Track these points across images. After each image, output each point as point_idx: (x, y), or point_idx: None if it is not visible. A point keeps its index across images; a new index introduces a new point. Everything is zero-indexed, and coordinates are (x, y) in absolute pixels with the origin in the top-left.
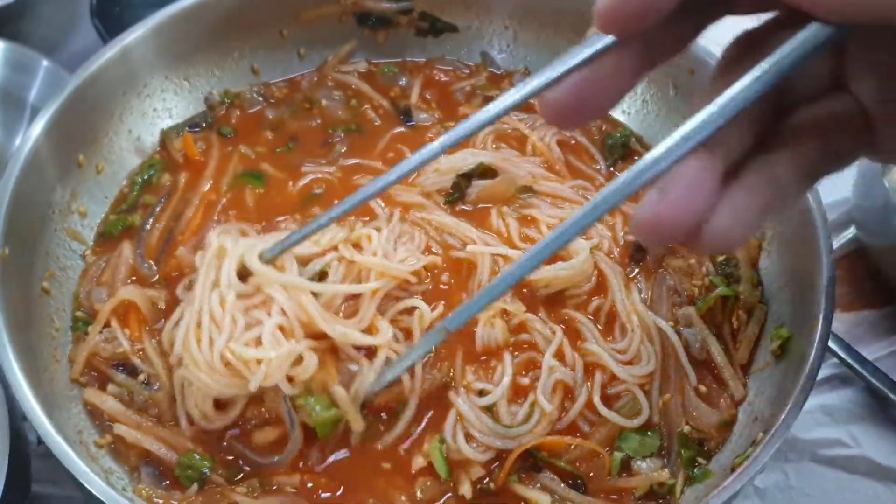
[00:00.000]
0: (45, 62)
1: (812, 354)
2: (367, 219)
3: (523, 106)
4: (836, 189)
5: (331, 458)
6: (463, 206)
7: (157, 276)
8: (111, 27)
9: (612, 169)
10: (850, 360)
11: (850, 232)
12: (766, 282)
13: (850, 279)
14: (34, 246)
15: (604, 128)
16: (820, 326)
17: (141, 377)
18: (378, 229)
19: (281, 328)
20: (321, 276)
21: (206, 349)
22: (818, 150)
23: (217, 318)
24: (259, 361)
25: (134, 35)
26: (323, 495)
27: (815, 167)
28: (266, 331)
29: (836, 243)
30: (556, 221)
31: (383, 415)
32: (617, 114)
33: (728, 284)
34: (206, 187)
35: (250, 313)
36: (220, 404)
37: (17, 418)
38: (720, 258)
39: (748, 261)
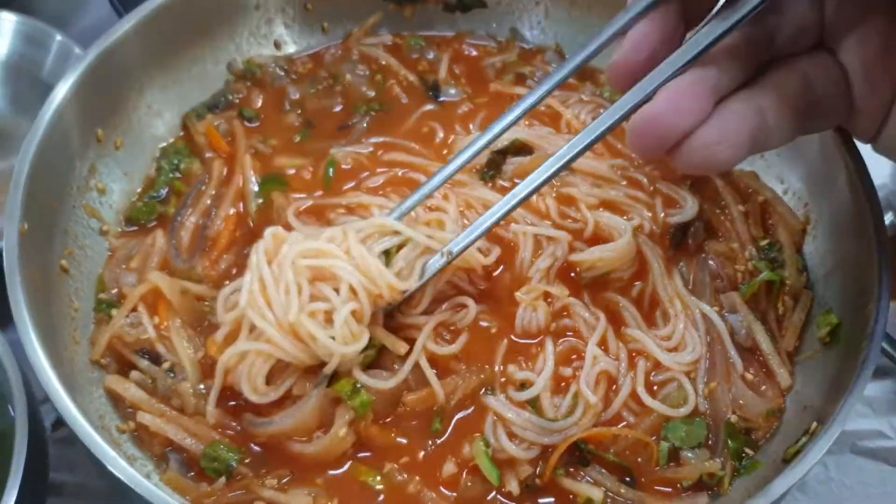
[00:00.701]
0: (58, 36)
1: (869, 344)
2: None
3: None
4: (875, 175)
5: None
6: (501, 183)
7: (190, 273)
8: (127, 6)
9: None
10: (891, 351)
11: (889, 217)
12: (812, 266)
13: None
14: (53, 222)
15: None
16: (877, 313)
17: (165, 365)
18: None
19: (354, 313)
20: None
21: (279, 312)
22: (800, 91)
23: (288, 283)
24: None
25: (154, 5)
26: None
27: (798, 110)
28: (340, 317)
29: None
30: (595, 201)
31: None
32: None
33: (772, 269)
34: (238, 183)
35: (317, 285)
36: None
37: (35, 402)
38: (763, 242)
39: (792, 244)
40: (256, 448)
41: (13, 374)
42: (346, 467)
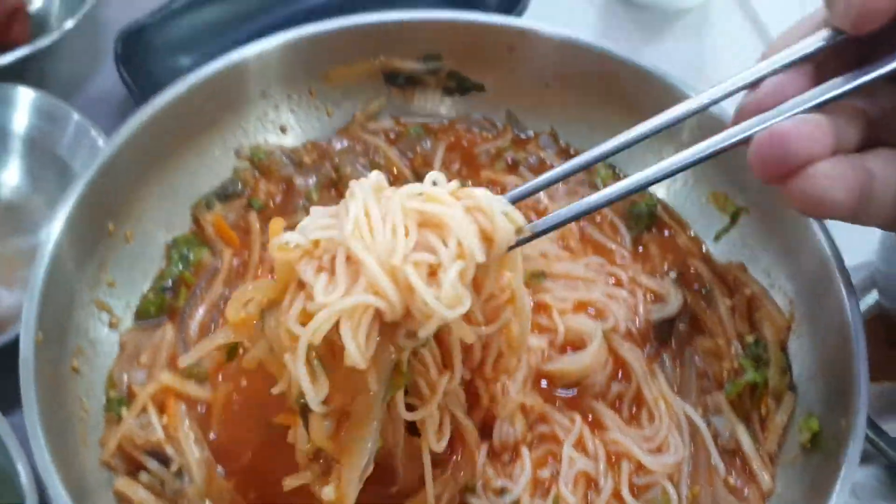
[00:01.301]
0: (75, 115)
1: (846, 455)
2: None
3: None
4: (860, 252)
5: None
6: None
7: (199, 370)
8: (135, 74)
9: (636, 240)
10: (872, 436)
11: (873, 296)
12: (796, 365)
13: (871, 347)
14: (65, 323)
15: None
16: (855, 428)
17: (173, 468)
18: None
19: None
20: None
21: (383, 252)
22: None
23: (395, 222)
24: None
25: (168, 98)
26: None
27: None
28: (450, 275)
29: None
30: (569, 305)
31: None
32: None
33: (757, 368)
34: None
35: (424, 233)
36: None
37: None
38: (749, 338)
39: (777, 342)
40: None
41: (25, 475)
42: None
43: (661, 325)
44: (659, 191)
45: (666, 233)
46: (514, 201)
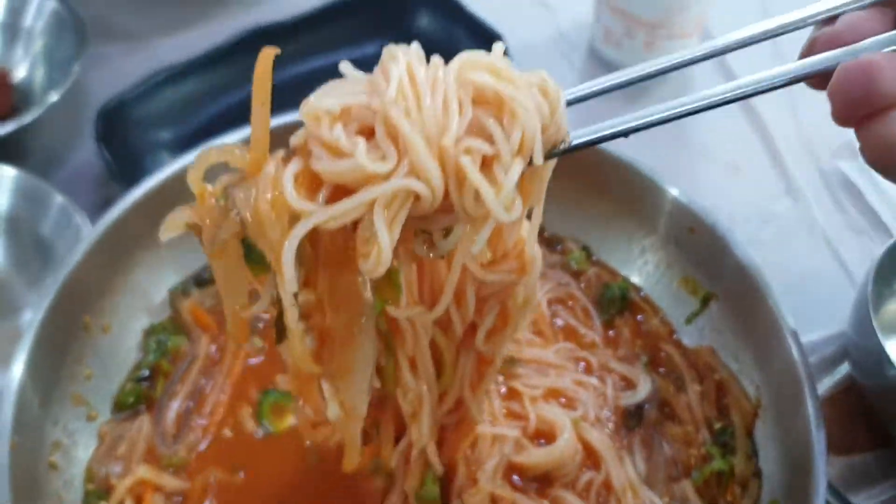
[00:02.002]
0: (59, 197)
1: None
2: None
3: None
4: (833, 322)
5: None
6: None
7: (175, 459)
8: (115, 151)
9: (608, 324)
10: None
11: (845, 367)
12: (762, 452)
13: (843, 418)
14: (42, 422)
15: (601, 277)
16: None
17: None
18: None
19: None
20: None
21: (432, 127)
22: None
23: (448, 95)
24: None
25: (151, 185)
26: None
27: None
28: (512, 174)
29: (830, 379)
30: (540, 393)
31: None
32: (615, 263)
33: (724, 455)
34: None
35: (479, 113)
36: None
37: None
38: (717, 425)
39: (744, 428)
40: None
41: None
42: None
43: (631, 412)
44: (632, 275)
45: (638, 317)
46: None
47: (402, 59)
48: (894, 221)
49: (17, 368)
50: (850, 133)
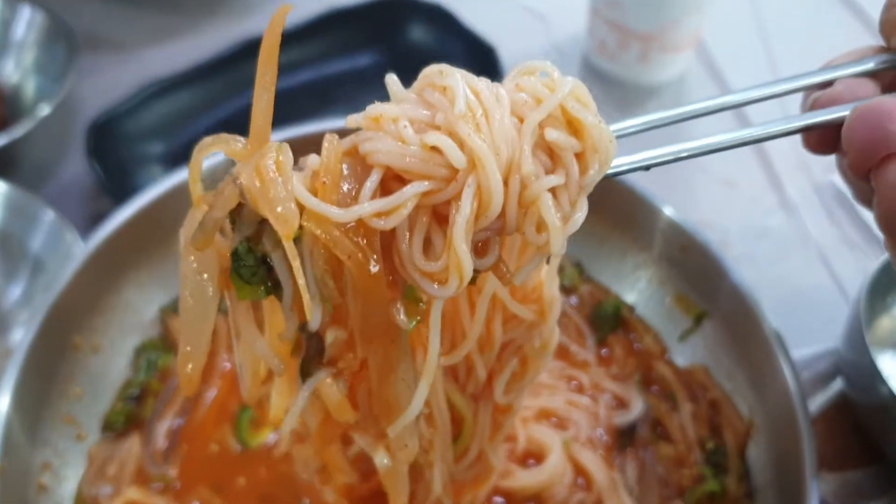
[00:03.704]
0: (50, 213)
1: None
2: None
3: None
4: (827, 337)
5: None
6: None
7: (163, 479)
8: (105, 164)
9: (601, 343)
10: None
11: (838, 383)
12: (754, 472)
13: (836, 435)
14: (31, 443)
15: (594, 295)
16: None
17: None
18: None
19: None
20: None
21: (502, 143)
22: None
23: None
24: None
25: (144, 203)
26: None
27: None
28: (582, 211)
29: (823, 395)
30: (531, 413)
31: None
32: (608, 280)
33: (716, 475)
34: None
35: (547, 143)
36: None
37: None
38: (710, 445)
39: (737, 448)
40: None
41: None
42: None
43: (624, 431)
44: (625, 293)
45: (631, 335)
46: None
47: (456, 73)
48: None
49: (6, 391)
50: None
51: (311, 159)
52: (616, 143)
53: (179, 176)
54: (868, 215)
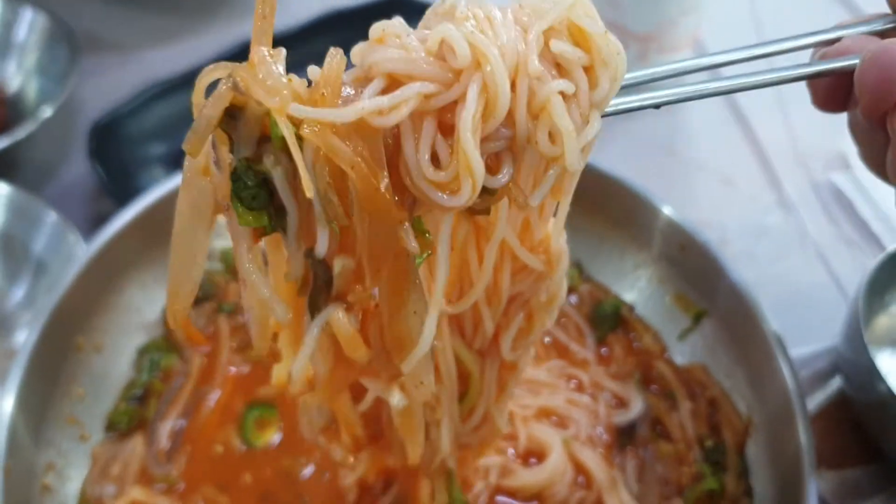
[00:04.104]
0: (53, 215)
1: None
2: None
3: None
4: (826, 335)
5: None
6: None
7: (167, 479)
8: (108, 166)
9: (601, 342)
10: None
11: (837, 381)
12: (753, 470)
13: (835, 433)
14: (35, 444)
15: (594, 294)
16: None
17: None
18: None
19: None
20: None
21: (509, 49)
22: None
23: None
24: None
25: (147, 204)
26: None
27: None
28: (595, 124)
29: (823, 393)
30: (531, 412)
31: None
32: (607, 279)
33: (715, 473)
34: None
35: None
36: None
37: None
38: (709, 443)
39: (736, 446)
40: None
41: None
42: None
43: (623, 430)
44: (624, 292)
45: (631, 334)
46: None
47: None
48: (886, 234)
49: (10, 392)
50: (842, 145)
51: (312, 70)
52: (625, 57)
53: (181, 177)
54: (866, 213)
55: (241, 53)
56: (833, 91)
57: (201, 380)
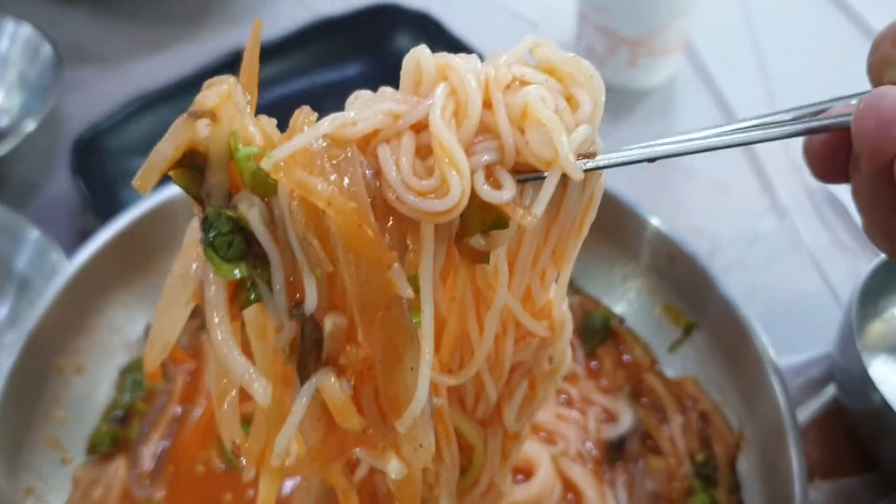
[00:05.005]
0: (36, 232)
1: None
2: None
3: None
4: (820, 343)
5: None
6: None
7: (150, 502)
8: (90, 181)
9: (591, 355)
10: None
11: (831, 389)
12: (745, 485)
13: (829, 442)
14: (14, 468)
15: (583, 306)
16: None
17: None
18: None
19: None
20: None
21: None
22: None
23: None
24: None
25: (126, 223)
26: None
27: None
28: (582, 129)
29: (817, 402)
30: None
31: None
32: (597, 291)
33: (706, 488)
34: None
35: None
36: None
37: None
38: (700, 457)
39: (727, 460)
40: None
41: None
42: None
43: (613, 444)
44: (614, 304)
45: (620, 347)
46: None
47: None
48: None
49: None
50: None
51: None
52: (599, 78)
53: (165, 193)
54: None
55: (226, 65)
56: (832, 157)
57: (184, 398)
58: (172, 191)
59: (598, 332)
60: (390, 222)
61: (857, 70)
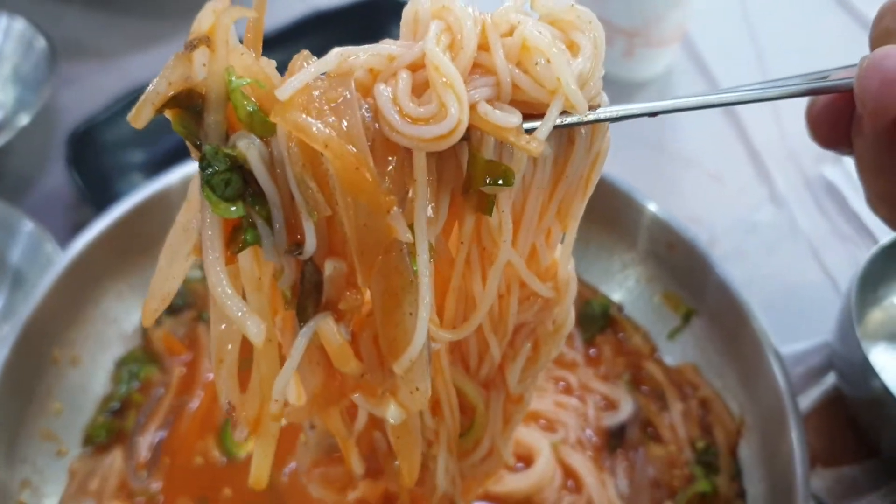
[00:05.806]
0: (30, 224)
1: None
2: None
3: None
4: (820, 331)
5: None
6: None
7: (147, 493)
8: (86, 174)
9: (590, 342)
10: None
11: (832, 377)
12: (745, 471)
13: (830, 430)
14: (10, 461)
15: (582, 294)
16: None
17: None
18: None
19: None
20: None
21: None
22: None
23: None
24: None
25: (120, 213)
26: None
27: None
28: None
29: (817, 390)
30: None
31: None
32: (595, 279)
33: (707, 475)
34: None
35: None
36: None
37: None
38: (700, 444)
39: (728, 447)
40: None
41: None
42: None
43: (613, 432)
44: (613, 291)
45: (620, 334)
46: None
47: None
48: (879, 226)
49: None
50: None
51: None
52: (599, 24)
53: (159, 184)
54: (859, 206)
55: None
56: (834, 121)
57: (181, 389)
58: (167, 180)
59: (597, 319)
60: (390, 166)
61: (853, 60)
